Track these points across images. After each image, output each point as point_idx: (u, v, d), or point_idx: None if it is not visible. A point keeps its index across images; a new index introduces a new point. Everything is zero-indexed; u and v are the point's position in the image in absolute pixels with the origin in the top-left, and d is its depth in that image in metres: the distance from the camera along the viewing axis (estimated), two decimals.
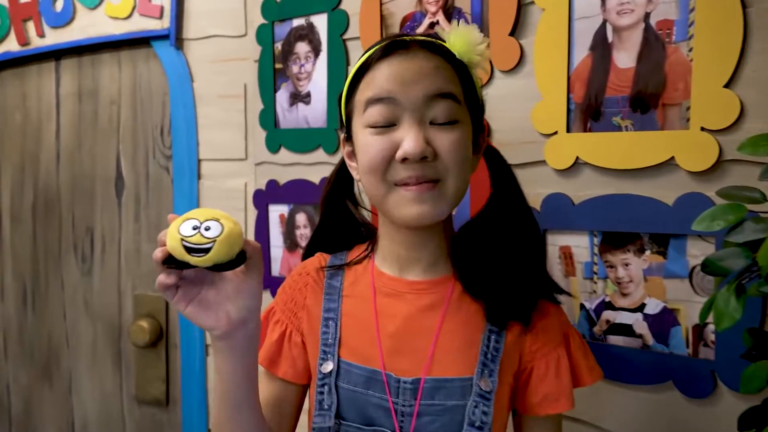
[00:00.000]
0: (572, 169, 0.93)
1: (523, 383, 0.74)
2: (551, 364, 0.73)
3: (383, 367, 0.72)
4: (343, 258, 0.81)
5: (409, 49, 0.68)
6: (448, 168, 0.67)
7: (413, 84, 0.66)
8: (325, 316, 0.76)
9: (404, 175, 0.67)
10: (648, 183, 0.86)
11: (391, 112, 0.67)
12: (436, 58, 0.68)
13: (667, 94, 0.84)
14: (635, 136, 0.86)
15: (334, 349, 0.74)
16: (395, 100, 0.67)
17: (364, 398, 0.72)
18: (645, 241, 0.87)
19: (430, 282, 0.74)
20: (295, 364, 0.78)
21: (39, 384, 1.74)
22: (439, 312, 0.73)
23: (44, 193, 1.68)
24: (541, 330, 0.74)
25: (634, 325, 0.89)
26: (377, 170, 0.68)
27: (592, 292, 0.92)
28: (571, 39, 0.91)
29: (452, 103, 0.68)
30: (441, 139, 0.67)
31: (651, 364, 0.88)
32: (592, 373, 0.77)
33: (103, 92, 1.56)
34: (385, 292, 0.75)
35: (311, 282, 0.80)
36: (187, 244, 0.57)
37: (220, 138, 1.38)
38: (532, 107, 0.95)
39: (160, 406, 1.54)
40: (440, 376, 0.70)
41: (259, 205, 1.32)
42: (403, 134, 0.67)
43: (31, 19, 1.57)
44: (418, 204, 0.67)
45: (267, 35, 1.28)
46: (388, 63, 0.68)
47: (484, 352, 0.71)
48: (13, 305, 1.76)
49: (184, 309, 0.62)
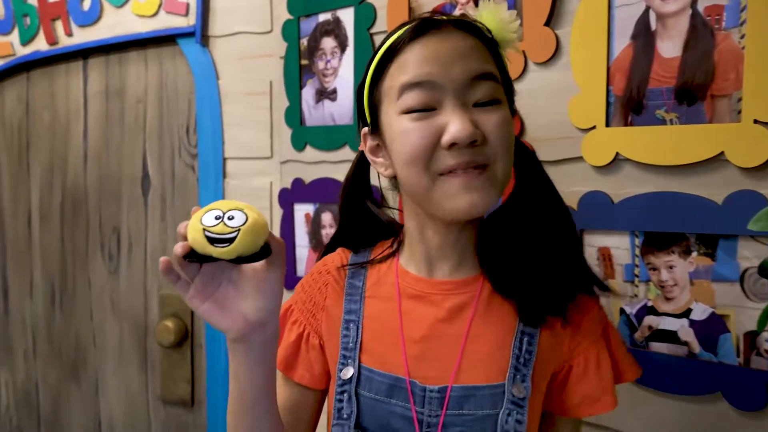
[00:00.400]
0: (612, 165, 0.88)
1: (560, 383, 0.69)
2: (591, 362, 0.69)
3: (407, 374, 0.67)
4: (366, 256, 0.76)
5: (442, 29, 0.64)
6: (497, 151, 0.63)
7: (453, 65, 0.62)
8: (345, 318, 0.72)
9: (452, 162, 0.61)
10: (695, 180, 0.81)
11: (431, 96, 0.62)
12: (471, 38, 0.64)
13: (716, 84, 0.78)
14: (681, 129, 0.81)
15: (354, 353, 0.70)
16: (435, 83, 0.62)
17: (386, 407, 0.67)
18: (691, 242, 0.82)
19: (458, 282, 0.70)
20: (312, 368, 0.74)
21: (67, 383, 1.74)
22: (468, 314, 0.68)
23: (72, 192, 1.68)
24: (579, 326, 0.69)
25: (679, 331, 0.84)
26: (420, 159, 0.62)
27: (633, 296, 0.87)
28: (611, 28, 0.86)
29: (494, 84, 0.63)
30: (488, 120, 0.62)
31: (697, 374, 0.82)
32: (633, 368, 0.72)
33: (130, 91, 1.56)
34: (410, 293, 0.71)
35: (332, 281, 0.75)
36: (210, 234, 0.54)
37: (246, 136, 1.36)
38: (568, 101, 0.90)
39: (185, 406, 1.53)
40: (469, 384, 0.66)
41: (285, 205, 1.30)
42: (446, 118, 0.61)
43: (59, 19, 1.57)
44: (468, 193, 0.62)
45: (293, 31, 1.25)
46: (422, 44, 0.63)
47: (516, 355, 0.66)
48: (41, 304, 1.77)
49: (199, 306, 0.59)
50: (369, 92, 0.68)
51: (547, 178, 0.71)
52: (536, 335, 0.67)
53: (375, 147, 0.71)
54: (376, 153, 0.71)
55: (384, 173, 0.71)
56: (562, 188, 0.73)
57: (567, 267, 0.69)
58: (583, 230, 0.91)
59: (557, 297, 0.68)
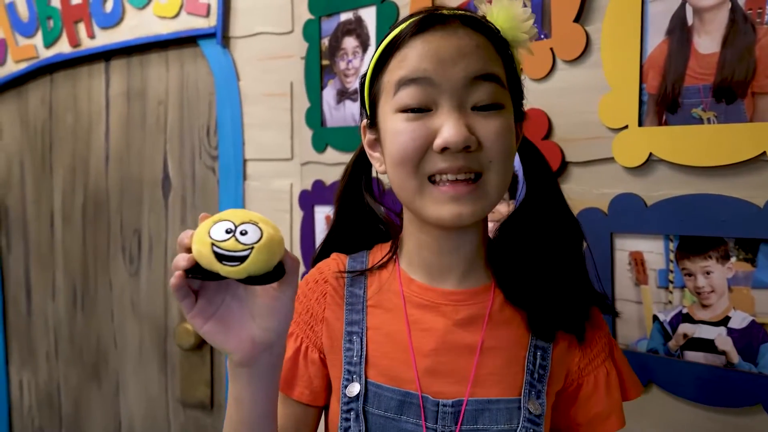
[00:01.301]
0: (645, 166, 0.84)
1: (567, 401, 0.67)
2: (600, 380, 0.66)
3: (419, 389, 0.63)
4: (364, 260, 0.72)
5: (447, 24, 0.60)
6: (492, 159, 0.59)
7: (453, 63, 0.58)
8: (347, 329, 0.68)
9: (442, 165, 0.58)
10: (734, 182, 0.77)
11: (427, 95, 0.59)
12: (478, 36, 0.60)
13: (757, 81, 0.75)
14: (719, 129, 0.77)
15: (360, 368, 0.65)
16: (432, 81, 0.58)
17: (396, 425, 0.63)
18: (730, 246, 0.78)
19: (469, 292, 0.66)
20: (311, 385, 0.69)
21: (88, 384, 1.75)
22: (480, 326, 0.65)
23: (94, 194, 1.69)
24: (590, 343, 0.67)
25: (716, 340, 0.80)
26: (409, 161, 0.59)
27: (667, 302, 0.84)
28: (645, 23, 0.83)
29: (496, 86, 0.59)
30: (485, 126, 0.58)
31: (736, 385, 0.78)
32: (636, 386, 0.70)
33: (151, 92, 1.56)
34: (417, 302, 0.66)
35: (330, 290, 0.70)
36: (219, 251, 0.48)
37: (266, 137, 1.35)
38: (599, 99, 0.87)
39: (204, 409, 1.52)
40: (484, 398, 0.63)
41: (305, 206, 1.28)
42: (441, 120, 0.58)
43: (82, 21, 1.58)
44: (455, 204, 0.59)
45: (314, 31, 1.24)
46: (424, 39, 0.59)
47: (530, 370, 0.64)
48: (63, 305, 1.78)
49: (201, 326, 0.53)
50: (369, 84, 0.65)
51: (558, 189, 0.68)
52: (549, 350, 0.65)
53: (373, 141, 0.67)
54: (374, 147, 0.68)
55: (378, 169, 0.68)
56: (592, 190, 0.70)
57: (579, 278, 0.66)
58: (614, 233, 0.87)
59: (571, 311, 0.65)
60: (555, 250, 0.66)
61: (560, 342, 0.65)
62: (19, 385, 1.91)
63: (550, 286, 0.64)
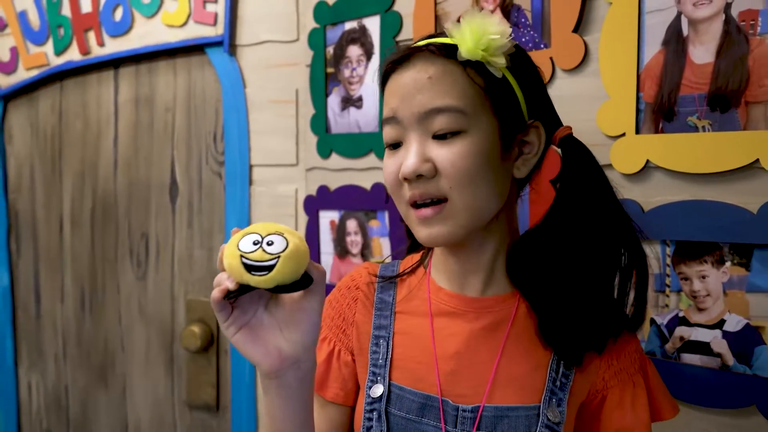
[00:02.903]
0: (642, 173, 0.86)
1: (591, 413, 0.67)
2: (627, 394, 0.66)
3: (440, 392, 0.65)
4: (395, 268, 0.76)
5: (413, 58, 0.63)
6: (451, 185, 0.61)
7: (410, 99, 0.62)
8: (375, 333, 0.71)
9: (407, 194, 0.63)
10: (728, 188, 0.79)
11: (396, 132, 0.64)
12: (434, 66, 0.62)
13: (750, 91, 0.77)
14: (714, 137, 0.79)
15: (384, 371, 0.68)
16: (397, 118, 0.63)
17: (417, 427, 0.65)
18: (725, 251, 0.80)
19: (493, 300, 0.68)
20: (345, 386, 0.73)
21: (95, 387, 1.77)
22: (502, 332, 0.66)
23: (102, 199, 1.71)
24: (616, 355, 0.67)
25: (711, 343, 0.82)
26: (393, 191, 0.66)
27: (663, 306, 0.85)
28: (642, 34, 0.85)
29: (451, 115, 0.61)
30: (441, 154, 0.61)
31: (731, 387, 0.80)
32: (671, 406, 0.69)
33: (159, 99, 1.59)
34: (443, 309, 0.69)
35: (361, 296, 0.74)
36: (247, 261, 0.51)
37: (272, 143, 1.37)
38: (597, 107, 0.89)
39: (210, 411, 1.54)
40: (502, 404, 0.64)
41: (310, 212, 1.30)
42: (404, 153, 0.63)
43: (92, 29, 1.61)
44: (424, 226, 0.63)
45: (319, 39, 1.26)
46: (393, 78, 0.65)
47: (552, 378, 0.64)
48: (72, 308, 1.80)
49: (232, 335, 0.56)
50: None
51: (610, 189, 0.64)
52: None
53: None
54: None
55: None
56: None
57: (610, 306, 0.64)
58: None
59: (596, 337, 0.64)
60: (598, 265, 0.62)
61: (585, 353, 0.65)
62: (27, 386, 1.93)
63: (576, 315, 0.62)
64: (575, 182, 0.64)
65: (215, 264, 1.50)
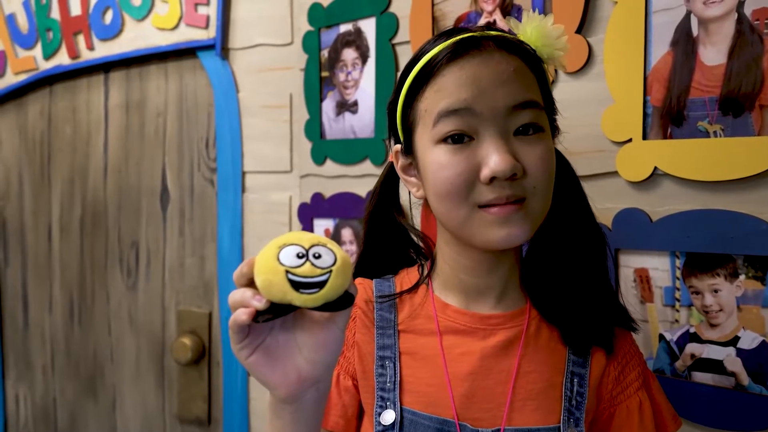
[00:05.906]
0: (649, 180, 0.82)
1: (599, 430, 0.65)
2: (633, 410, 0.64)
3: (456, 416, 0.61)
4: (391, 284, 0.70)
5: (483, 49, 0.58)
6: (536, 185, 0.58)
7: (493, 92, 0.57)
8: (379, 354, 0.66)
9: (491, 196, 0.57)
10: (742, 197, 0.75)
11: (468, 125, 0.58)
12: (514, 59, 0.59)
13: (765, 94, 0.73)
14: (726, 142, 0.75)
15: (394, 395, 0.63)
16: (473, 110, 0.57)
17: None
18: (738, 264, 0.76)
19: (505, 316, 0.65)
20: (346, 414, 0.67)
21: (84, 398, 1.72)
22: (516, 350, 0.63)
23: (92, 206, 1.67)
24: (623, 370, 0.65)
25: (725, 361, 0.77)
26: (456, 194, 0.58)
27: (673, 321, 0.81)
28: (649, 34, 0.81)
29: (536, 112, 0.59)
30: (529, 153, 0.58)
31: (746, 408, 0.76)
32: (674, 419, 0.68)
33: (150, 104, 1.55)
34: (453, 327, 0.65)
35: (359, 314, 0.69)
36: (295, 278, 0.44)
37: (265, 149, 1.33)
38: (602, 112, 0.85)
39: (201, 425, 1.50)
40: (523, 426, 0.61)
41: (304, 220, 1.26)
42: (485, 150, 0.57)
43: (81, 33, 1.57)
44: (505, 226, 0.58)
45: (313, 42, 1.22)
46: (460, 66, 0.58)
47: (568, 397, 0.62)
48: (60, 318, 1.76)
49: (246, 358, 0.49)
50: (402, 111, 0.64)
51: (588, 205, 0.67)
52: (586, 377, 0.63)
53: (407, 165, 0.66)
54: (408, 172, 0.67)
55: (416, 194, 0.67)
56: (595, 204, 0.68)
57: (606, 295, 0.65)
58: (618, 250, 0.85)
59: (601, 324, 0.64)
60: (585, 262, 0.65)
61: (594, 363, 0.64)
62: (15, 399, 1.88)
63: (583, 299, 0.64)
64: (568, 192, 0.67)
65: (207, 273, 1.46)
